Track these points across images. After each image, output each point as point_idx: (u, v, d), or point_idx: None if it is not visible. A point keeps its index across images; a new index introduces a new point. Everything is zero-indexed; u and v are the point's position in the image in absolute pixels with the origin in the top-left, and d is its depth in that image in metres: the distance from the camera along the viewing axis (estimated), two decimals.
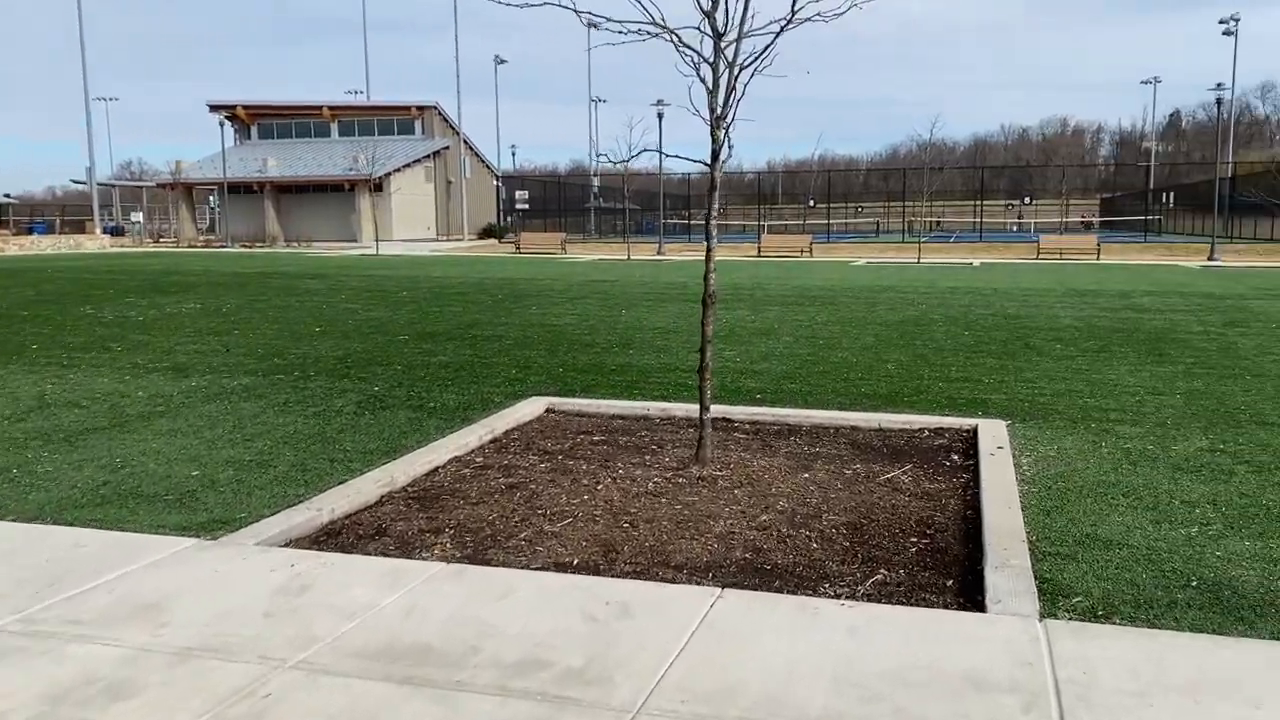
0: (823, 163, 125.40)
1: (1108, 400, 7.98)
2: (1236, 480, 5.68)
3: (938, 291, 18.55)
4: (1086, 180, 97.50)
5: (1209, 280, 22.17)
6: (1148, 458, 6.22)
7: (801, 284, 21.00)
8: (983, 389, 8.52)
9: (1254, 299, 16.88)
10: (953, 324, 13.11)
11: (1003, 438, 6.75)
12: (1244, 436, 6.74)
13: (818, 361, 10.04)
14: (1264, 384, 8.66)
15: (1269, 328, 12.57)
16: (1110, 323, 13.19)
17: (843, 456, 6.48)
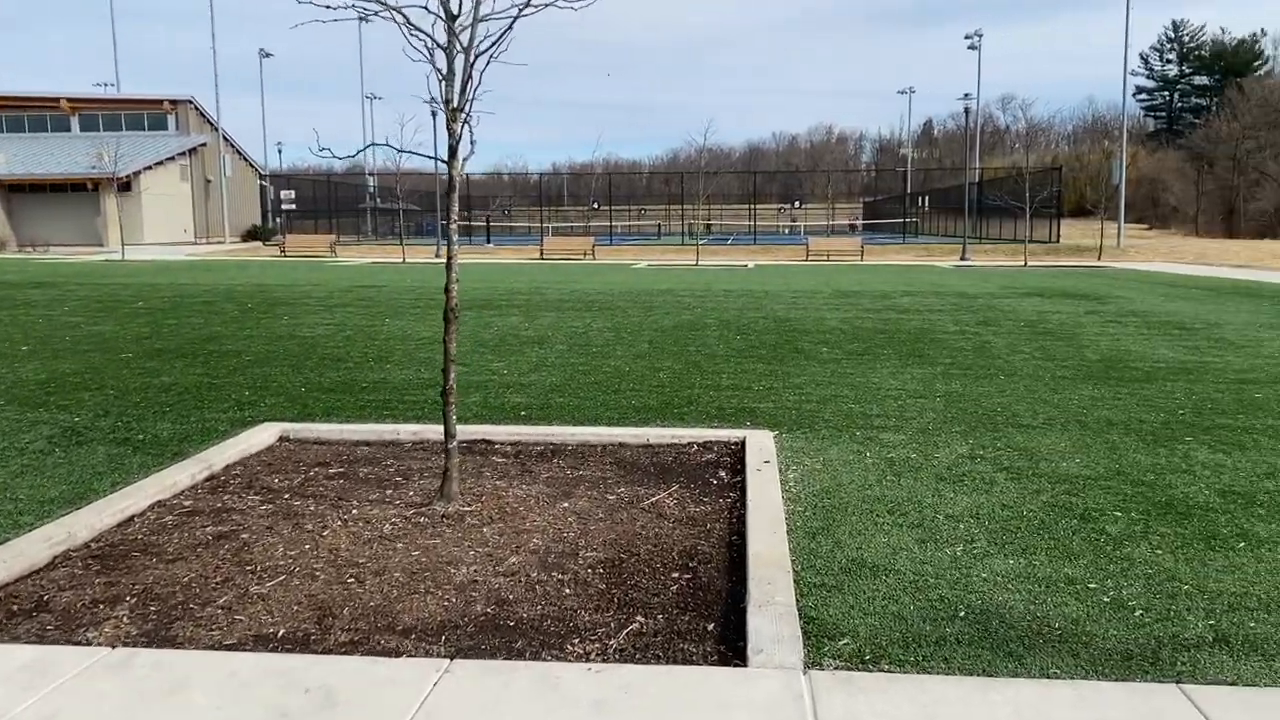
0: (607, 165, 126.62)
1: (872, 406, 7.92)
2: (998, 490, 5.60)
3: (713, 294, 18.62)
4: (851, 185, 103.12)
5: (962, 280, 23.47)
6: (911, 467, 6.08)
7: (581, 288, 20.62)
8: (752, 397, 8.31)
9: (1002, 298, 17.87)
10: (726, 328, 13.02)
11: (770, 451, 6.48)
12: (1001, 440, 6.76)
13: (590, 371, 9.58)
14: (1017, 384, 8.90)
15: (1017, 326, 13.19)
16: (873, 324, 13.49)
17: (607, 479, 6.00)
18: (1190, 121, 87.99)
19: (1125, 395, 8.33)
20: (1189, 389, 8.61)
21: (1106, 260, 34.18)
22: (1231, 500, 5.36)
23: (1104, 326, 13.16)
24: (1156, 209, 73.48)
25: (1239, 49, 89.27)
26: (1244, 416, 7.47)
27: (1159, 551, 4.59)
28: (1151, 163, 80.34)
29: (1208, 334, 12.36)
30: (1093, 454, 6.37)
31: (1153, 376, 9.26)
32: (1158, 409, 7.77)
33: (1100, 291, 19.34)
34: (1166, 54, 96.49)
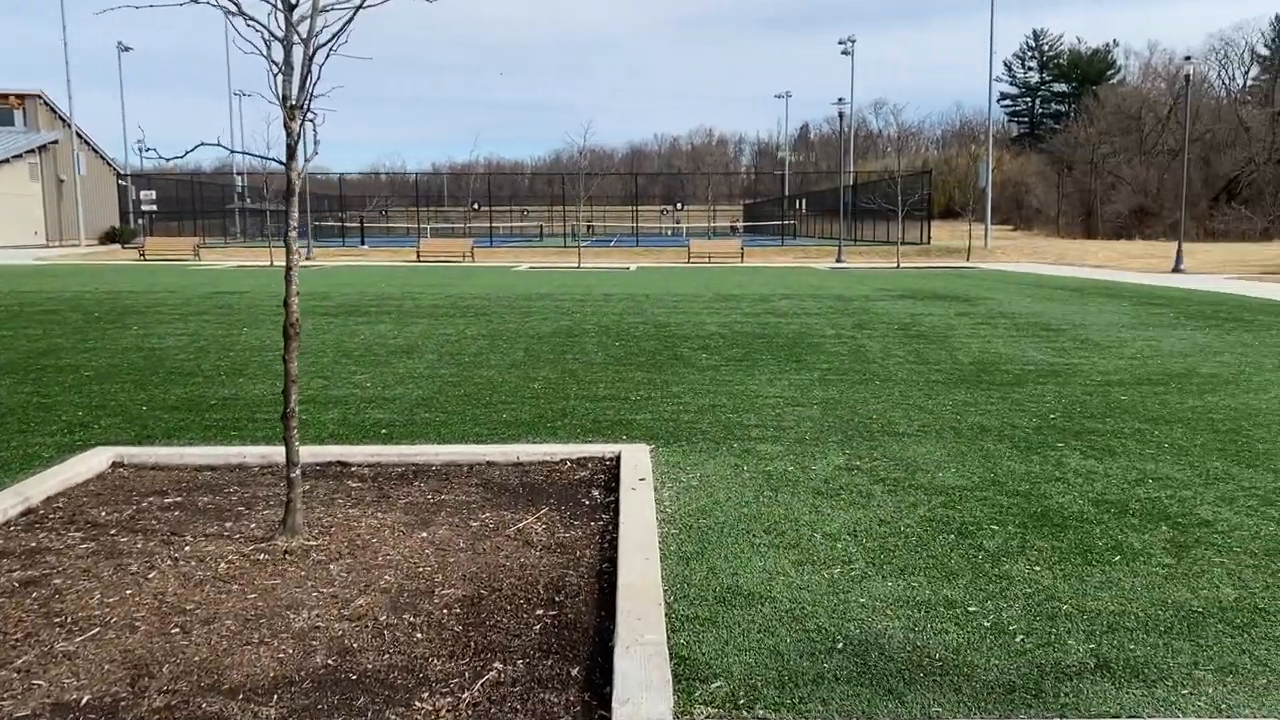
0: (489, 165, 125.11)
1: (749, 415, 7.75)
2: (875, 504, 5.46)
3: (594, 299, 18.33)
4: (731, 187, 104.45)
5: (838, 282, 23.78)
6: (789, 481, 5.90)
7: (457, 292, 20.06)
8: (629, 407, 8.04)
9: (877, 300, 18.11)
10: (605, 334, 12.75)
11: (645, 466, 6.21)
12: (878, 450, 6.66)
13: (461, 383, 9.16)
14: (892, 389, 8.87)
15: (892, 329, 13.30)
16: (753, 328, 13.42)
17: (472, 503, 5.63)
18: (1051, 127, 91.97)
19: (997, 399, 8.38)
20: (1058, 392, 8.73)
21: (975, 261, 35.28)
22: (1105, 510, 5.33)
23: (975, 328, 13.39)
24: (1020, 211, 76.54)
25: (1094, 58, 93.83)
26: (1112, 420, 7.57)
27: (1037, 568, 4.49)
28: (1015, 166, 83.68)
29: (1073, 335, 12.69)
30: (968, 462, 6.32)
31: (1023, 379, 9.37)
32: (1029, 413, 7.81)
33: (970, 293, 19.81)
34: (1028, 62, 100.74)
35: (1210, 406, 8.06)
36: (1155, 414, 7.77)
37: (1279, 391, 8.70)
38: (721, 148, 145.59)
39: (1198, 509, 5.33)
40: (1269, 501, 5.46)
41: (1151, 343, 11.91)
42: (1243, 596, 4.13)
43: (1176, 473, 6.06)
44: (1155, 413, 7.83)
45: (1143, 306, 16.68)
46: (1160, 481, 5.86)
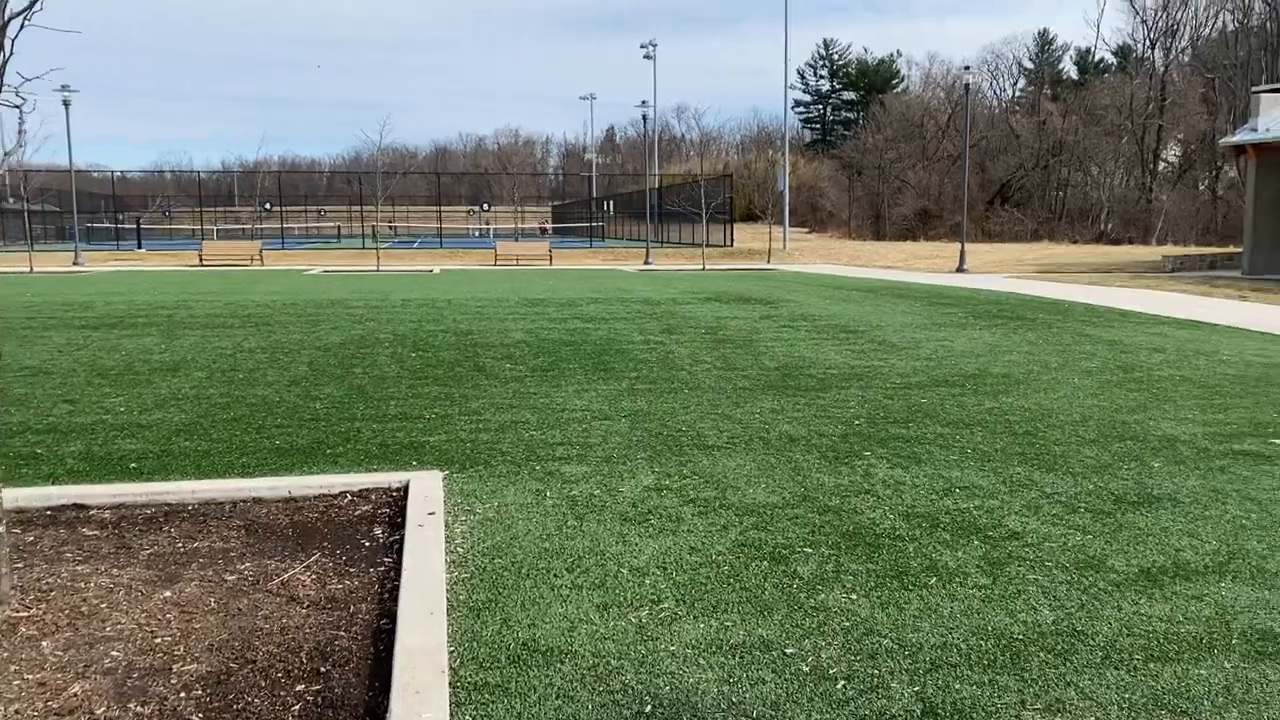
0: (283, 163, 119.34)
1: (554, 431, 7.27)
2: (685, 529, 5.08)
3: (391, 305, 17.39)
4: (540, 188, 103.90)
5: (646, 284, 23.69)
6: (595, 507, 5.45)
7: (239, 300, 18.63)
8: (423, 427, 7.40)
9: (684, 303, 18.03)
10: (401, 344, 11.97)
11: (437, 498, 5.62)
12: (688, 466, 6.31)
13: (231, 404, 8.25)
14: (700, 398, 8.60)
15: (699, 334, 13.15)
16: (559, 335, 12.95)
17: (230, 551, 4.89)
18: (842, 134, 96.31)
19: (804, 406, 8.24)
20: (862, 396, 8.69)
21: (775, 262, 36.20)
22: (917, 525, 5.15)
23: (779, 332, 13.42)
24: (816, 214, 79.67)
25: (879, 68, 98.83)
26: (915, 424, 7.54)
27: (854, 596, 4.22)
28: (810, 171, 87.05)
29: (871, 337, 12.90)
30: (778, 476, 6.06)
31: (827, 384, 9.32)
32: (835, 420, 7.69)
33: (773, 295, 20.08)
34: (819, 70, 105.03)
35: (1006, 408, 8.19)
36: (955, 417, 7.82)
37: (1067, 390, 8.98)
38: (529, 149, 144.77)
39: (1006, 519, 5.24)
40: (1071, 508, 5.44)
41: (944, 343, 12.23)
42: (1060, 618, 3.98)
43: (982, 480, 6.00)
44: (955, 416, 7.87)
45: (933, 307, 17.30)
46: (967, 491, 5.78)
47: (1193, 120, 58.06)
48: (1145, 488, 5.83)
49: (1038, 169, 63.76)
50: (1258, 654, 3.65)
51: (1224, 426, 7.45)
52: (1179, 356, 11.02)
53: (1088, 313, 16.03)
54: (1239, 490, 5.75)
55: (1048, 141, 63.31)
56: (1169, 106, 59.45)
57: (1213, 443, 6.94)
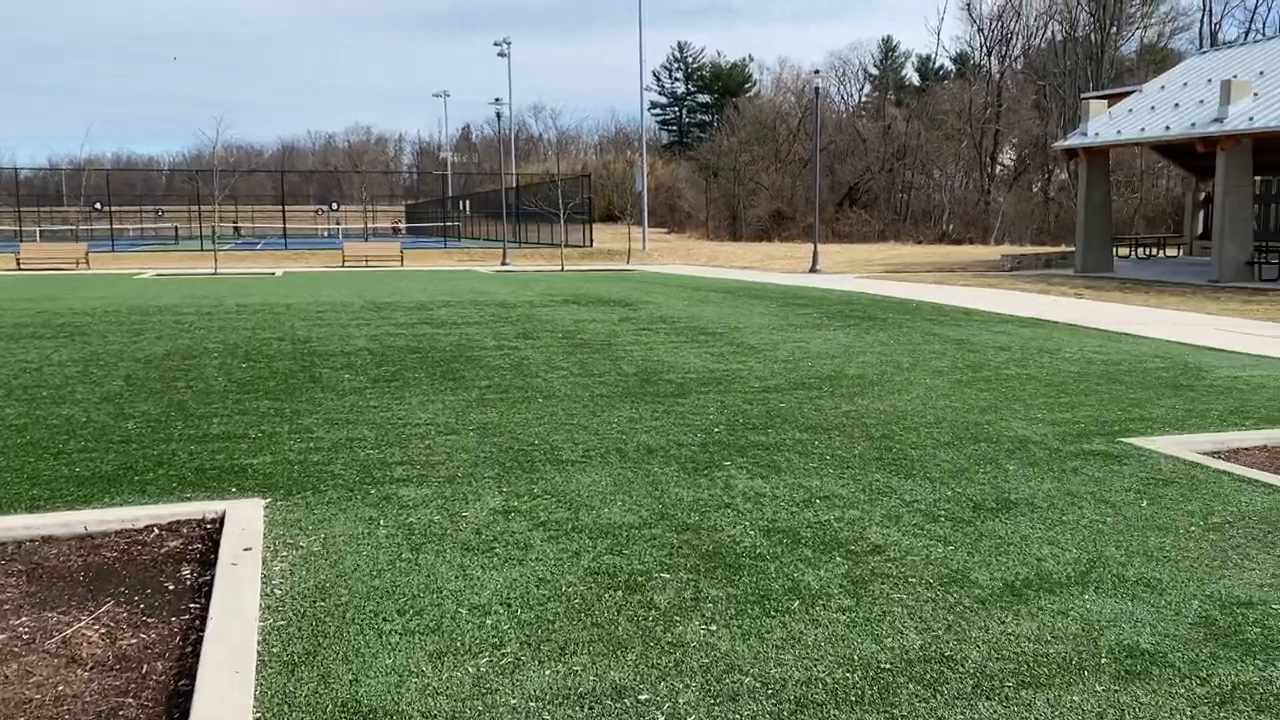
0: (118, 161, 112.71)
1: (394, 449, 6.74)
2: (533, 557, 4.68)
3: (225, 311, 16.31)
4: (393, 187, 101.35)
5: (502, 286, 23.12)
6: (434, 535, 4.99)
7: (55, 307, 17.16)
8: (248, 448, 6.75)
9: (541, 305, 17.59)
10: (231, 354, 11.12)
11: (256, 530, 5.05)
12: (539, 484, 5.91)
13: (28, 426, 7.38)
14: (555, 407, 8.20)
15: (556, 338, 12.74)
16: (406, 341, 12.32)
17: (4, 604, 4.22)
18: (698, 135, 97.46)
19: (662, 413, 7.95)
20: (720, 401, 8.47)
21: (634, 263, 36.11)
22: (778, 541, 4.90)
23: (637, 335, 13.15)
24: (674, 214, 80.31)
25: (732, 71, 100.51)
26: (774, 431, 7.34)
27: (713, 626, 3.90)
28: (667, 172, 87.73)
29: (730, 339, 12.76)
30: (635, 492, 5.73)
31: (686, 389, 9.06)
32: (694, 428, 7.43)
33: (631, 296, 19.85)
34: (674, 73, 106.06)
35: (862, 411, 8.10)
36: (814, 422, 7.66)
37: (920, 391, 8.99)
38: (381, 147, 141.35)
39: (867, 532, 5.05)
40: (932, 516, 5.30)
41: (801, 345, 12.19)
42: (928, 642, 3.76)
43: (841, 489, 5.82)
44: (814, 420, 7.72)
45: (789, 307, 17.39)
46: (827, 501, 5.57)
47: (1026, 125, 61.10)
48: (1002, 492, 5.76)
49: (883, 172, 65.90)
50: (1128, 674, 3.51)
51: (1072, 426, 7.53)
52: (1024, 355, 11.27)
53: (935, 312, 16.38)
54: (1093, 493, 5.74)
55: (892, 145, 65.52)
56: (1004, 112, 62.39)
57: (1063, 443, 6.98)
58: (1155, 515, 5.32)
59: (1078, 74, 59.20)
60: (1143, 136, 25.40)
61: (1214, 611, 4.04)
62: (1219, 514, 5.33)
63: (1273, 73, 23.87)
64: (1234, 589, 4.28)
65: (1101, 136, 26.20)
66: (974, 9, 69.91)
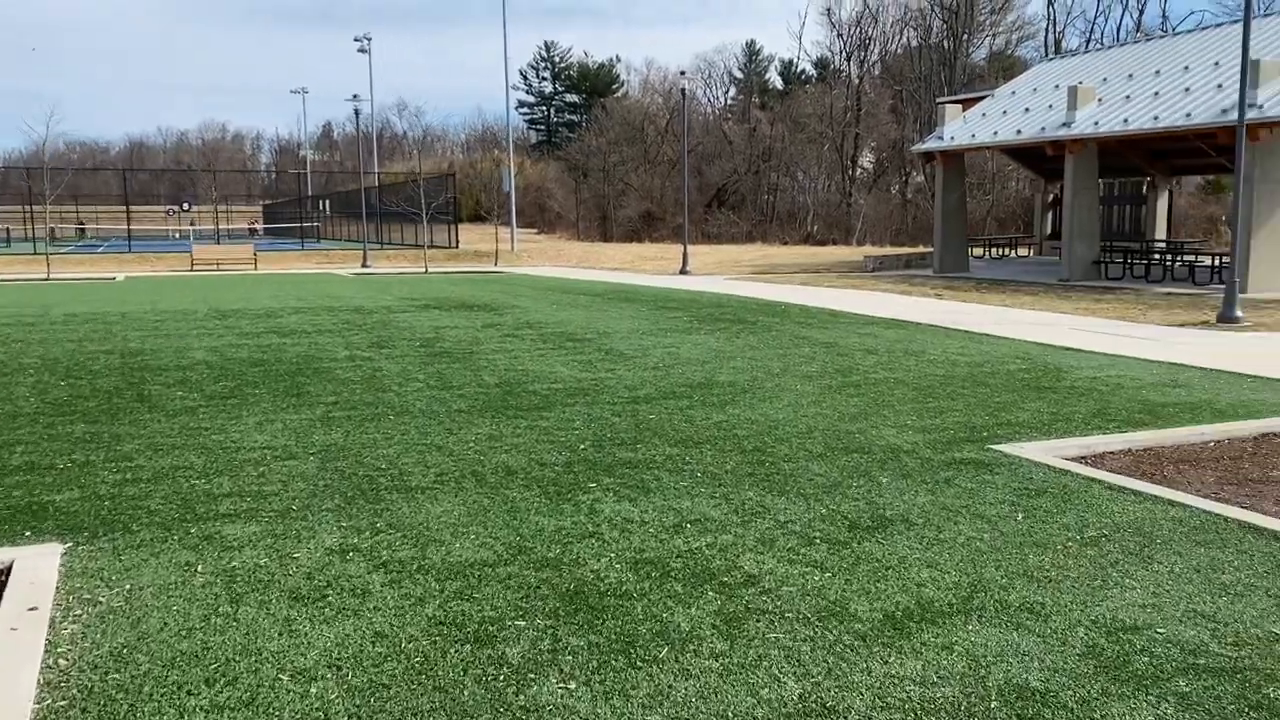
0: None
1: (223, 479, 6.08)
2: (371, 605, 4.16)
3: (49, 321, 15.00)
4: (251, 186, 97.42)
5: (361, 290, 22.18)
6: (259, 582, 4.41)
7: None
8: (52, 482, 5.98)
9: (401, 311, 16.84)
10: (50, 370, 10.10)
11: (48, 583, 4.37)
12: (384, 515, 5.37)
13: None
14: (408, 425, 7.63)
15: (414, 347, 12.09)
16: (250, 353, 11.47)
17: None
18: (567, 135, 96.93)
19: (525, 429, 7.49)
20: (588, 414, 8.05)
21: (503, 265, 35.41)
22: (645, 575, 4.51)
23: (502, 342, 12.61)
24: (544, 215, 79.61)
25: (600, 71, 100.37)
26: (643, 446, 6.97)
27: (572, 684, 3.48)
28: (536, 172, 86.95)
29: (599, 345, 12.36)
30: (491, 523, 5.25)
31: (551, 401, 8.61)
32: (559, 444, 6.99)
33: (497, 300, 19.26)
34: (542, 72, 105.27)
35: (734, 421, 7.81)
36: (684, 434, 7.33)
37: (791, 398, 8.77)
38: (238, 144, 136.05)
39: (741, 559, 4.71)
40: (807, 539, 5.00)
41: (671, 350, 11.90)
42: (808, 690, 3.42)
43: (714, 510, 5.48)
44: (684, 433, 7.38)
45: (660, 311, 17.12)
46: (699, 525, 5.22)
47: (884, 129, 62.87)
48: (877, 508, 5.52)
49: (750, 173, 66.80)
50: (1019, 718, 3.24)
51: (942, 433, 7.41)
52: (891, 358, 11.24)
53: (803, 314, 16.38)
54: (968, 506, 5.56)
55: (758, 147, 66.47)
56: (864, 116, 64.05)
57: (935, 451, 6.83)
58: (1031, 530, 5.16)
59: (932, 79, 61.25)
60: (995, 140, 26.21)
61: (1100, 639, 3.85)
62: (1094, 527, 5.21)
63: (1115, 79, 24.98)
64: (1118, 611, 4.11)
65: (957, 140, 26.94)
66: (834, 14, 71.62)
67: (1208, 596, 4.26)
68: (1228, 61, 22.80)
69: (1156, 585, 4.40)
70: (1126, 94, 23.58)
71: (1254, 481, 6.22)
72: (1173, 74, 23.63)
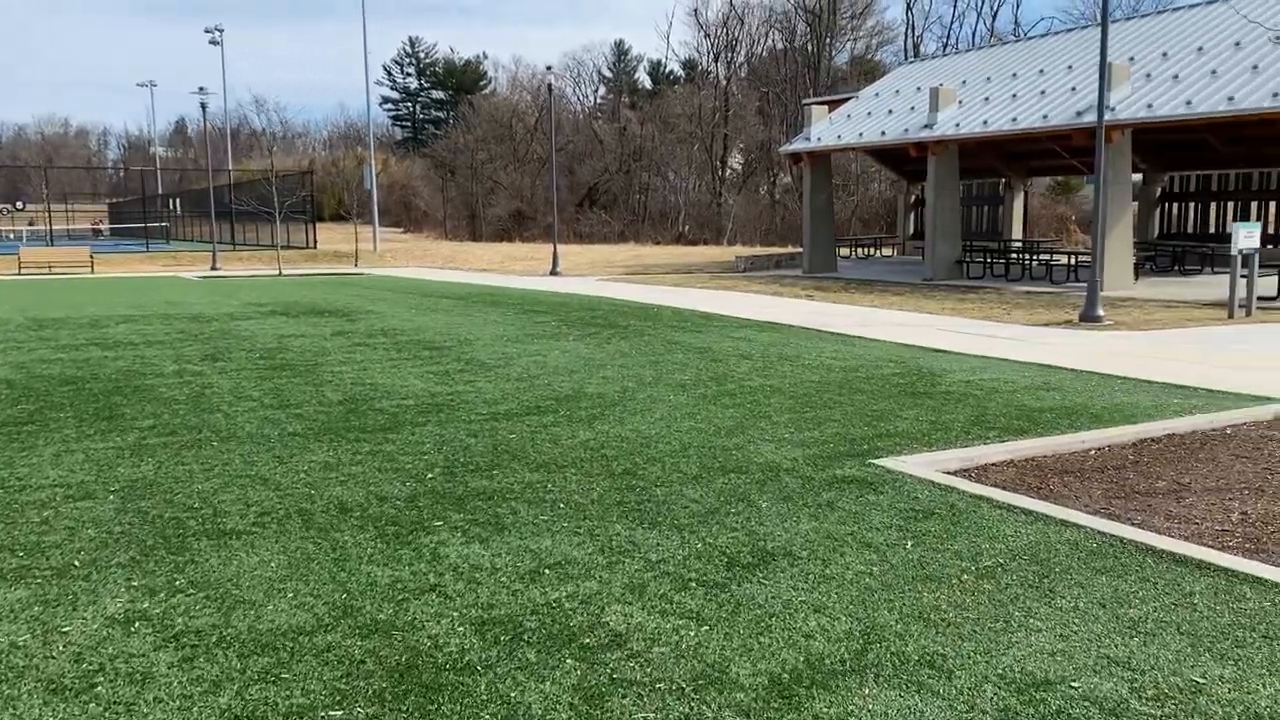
0: None
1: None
2: (150, 697, 3.36)
3: None
4: (97, 184, 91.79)
5: (205, 295, 20.70)
6: (10, 672, 3.55)
7: None
8: None
9: (244, 318, 15.63)
10: None
11: None
12: (186, 572, 4.54)
13: None
14: (232, 452, 6.74)
15: (252, 360, 11.05)
16: (63, 369, 10.25)
17: None
18: (433, 132, 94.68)
19: (367, 455, 6.70)
20: (440, 435, 7.31)
21: (364, 266, 33.99)
22: (492, 641, 3.84)
23: (351, 352, 11.68)
24: (410, 214, 77.53)
25: (467, 68, 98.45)
26: (500, 472, 6.28)
27: None
28: (402, 170, 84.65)
29: (459, 354, 11.58)
30: (314, 576, 4.49)
31: (400, 421, 7.83)
32: (404, 474, 6.24)
33: (352, 305, 18.17)
34: (407, 68, 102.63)
35: (603, 439, 7.19)
36: (547, 456, 6.67)
37: (664, 410, 8.22)
38: (82, 140, 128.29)
39: (606, 613, 4.09)
40: (682, 582, 4.42)
41: (537, 358, 11.21)
42: None
43: (576, 550, 4.84)
44: (547, 454, 6.73)
45: (527, 315, 16.40)
46: (559, 570, 4.58)
47: (751, 131, 63.46)
48: (758, 539, 4.99)
49: (621, 173, 66.49)
50: None
51: (822, 446, 6.97)
52: (766, 363, 10.84)
53: (676, 317, 15.92)
54: (853, 534, 5.08)
55: (629, 147, 66.22)
56: (731, 117, 64.54)
57: (815, 469, 6.36)
58: (923, 560, 4.71)
59: (798, 82, 62.15)
60: (861, 141, 26.42)
61: (1011, 699, 3.38)
62: (988, 554, 4.80)
63: (974, 82, 25.47)
64: (1026, 661, 3.66)
65: (824, 141, 27.06)
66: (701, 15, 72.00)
67: (1118, 638, 3.86)
68: (1080, 65, 23.51)
69: (1063, 626, 3.98)
70: (985, 96, 24.05)
71: (1141, 494, 5.96)
72: (1029, 77, 24.22)
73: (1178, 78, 20.12)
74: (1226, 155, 24.72)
